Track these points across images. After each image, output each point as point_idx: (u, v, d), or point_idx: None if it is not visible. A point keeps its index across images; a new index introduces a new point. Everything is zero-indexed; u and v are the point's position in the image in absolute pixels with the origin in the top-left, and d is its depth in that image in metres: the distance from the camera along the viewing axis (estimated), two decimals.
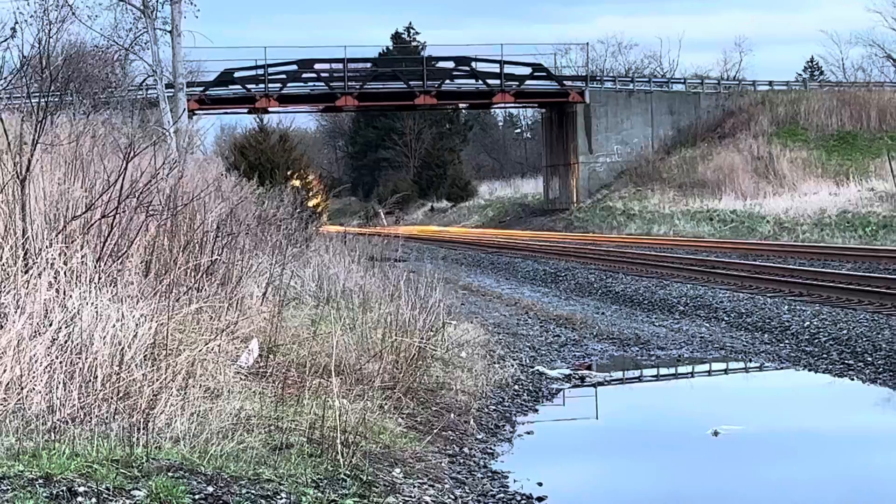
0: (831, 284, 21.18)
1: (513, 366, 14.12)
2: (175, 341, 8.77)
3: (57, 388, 7.63)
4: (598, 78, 69.51)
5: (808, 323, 17.06)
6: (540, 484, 9.17)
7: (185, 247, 11.77)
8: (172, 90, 32.80)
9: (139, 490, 6.42)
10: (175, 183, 13.97)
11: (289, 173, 39.30)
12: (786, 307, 18.70)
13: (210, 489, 6.69)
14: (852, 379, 13.68)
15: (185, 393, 8.03)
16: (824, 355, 15.09)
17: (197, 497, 6.53)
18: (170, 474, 6.74)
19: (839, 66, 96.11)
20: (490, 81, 62.21)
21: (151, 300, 9.39)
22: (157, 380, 7.98)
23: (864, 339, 15.29)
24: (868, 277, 22.04)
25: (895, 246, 33.32)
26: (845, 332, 15.98)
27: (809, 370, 14.41)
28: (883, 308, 17.83)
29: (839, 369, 14.22)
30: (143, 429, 7.34)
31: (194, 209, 13.09)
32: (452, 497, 8.01)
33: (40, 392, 7.56)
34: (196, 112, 53.31)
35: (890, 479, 9.69)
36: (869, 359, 14.43)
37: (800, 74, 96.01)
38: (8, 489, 6.17)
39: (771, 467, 10.33)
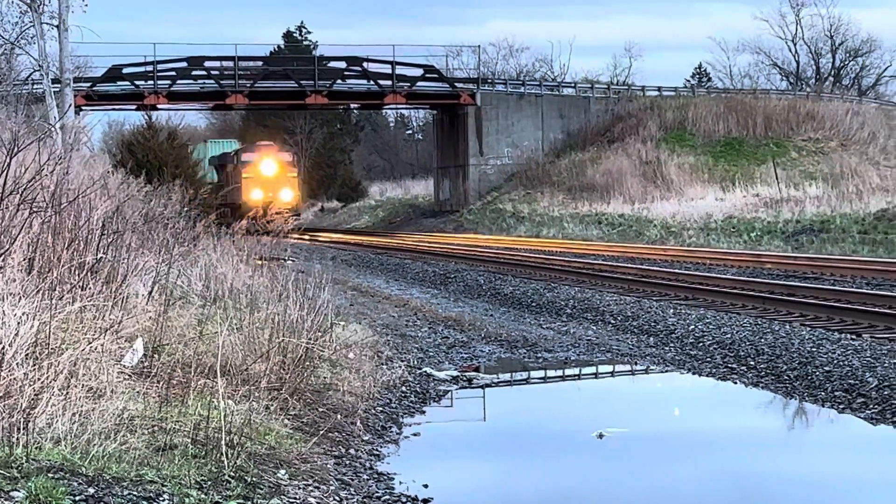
0: (716, 289, 21.47)
1: (401, 367, 14.13)
2: (58, 340, 8.66)
3: None
4: (489, 80, 69.79)
5: (692, 327, 17.28)
6: (426, 486, 9.19)
7: (70, 244, 11.62)
8: (59, 85, 32.37)
9: (18, 491, 6.34)
10: (60, 180, 13.79)
11: (177, 171, 38.97)
12: (671, 311, 18.92)
13: (91, 490, 6.62)
14: (735, 382, 13.88)
15: (68, 393, 7.93)
16: (708, 359, 15.30)
17: (78, 498, 6.46)
18: (50, 475, 6.65)
19: (727, 73, 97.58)
20: (382, 82, 62.20)
21: (34, 298, 9.26)
22: (39, 379, 7.87)
23: (748, 343, 15.52)
24: (751, 282, 22.39)
25: (779, 251, 33.89)
26: (729, 336, 16.21)
27: (694, 373, 14.60)
28: (766, 313, 18.12)
29: (723, 373, 14.42)
30: (24, 429, 7.24)
31: (79, 206, 12.92)
32: (337, 499, 8.00)
33: None
34: (83, 108, 52.59)
35: (770, 480, 9.85)
36: (752, 363, 14.65)
37: (688, 81, 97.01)
38: None
39: (654, 469, 10.46)
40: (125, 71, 58.98)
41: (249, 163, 60.23)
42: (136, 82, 59.29)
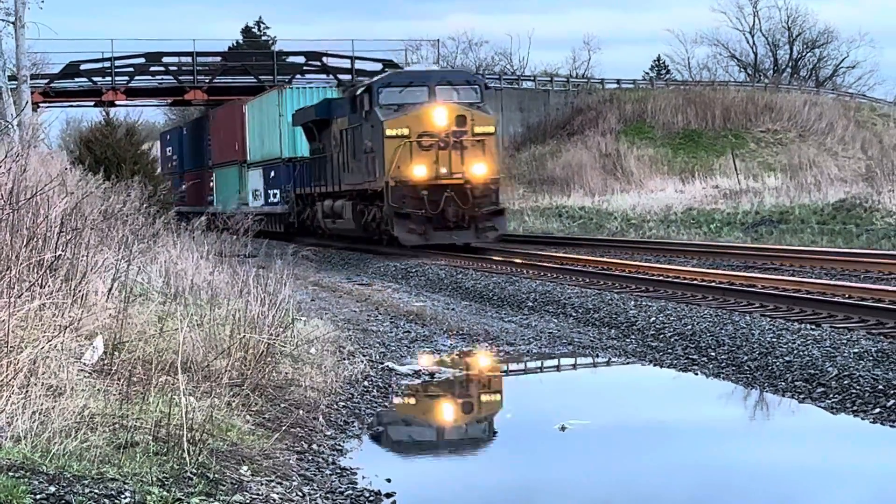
0: (676, 280, 21.54)
1: (363, 362, 14.14)
2: (17, 338, 8.62)
3: None
4: None
5: (653, 318, 17.34)
6: (389, 480, 9.20)
7: (28, 242, 11.55)
8: (16, 82, 32.19)
9: None
10: (17, 177, 13.70)
11: (135, 167, 38.76)
12: (632, 303, 18.97)
13: (52, 489, 6.59)
14: (696, 373, 13.95)
15: (27, 391, 7.90)
16: (669, 350, 15.36)
17: (38, 497, 6.43)
18: (10, 474, 6.62)
19: (685, 65, 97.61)
20: (341, 77, 61.95)
21: None
22: None
23: (708, 335, 15.59)
24: (712, 274, 22.47)
25: (738, 242, 34.02)
26: (690, 327, 16.27)
27: (655, 365, 14.66)
28: (725, 304, 18.18)
29: (684, 364, 14.49)
30: None
31: (37, 204, 12.85)
32: (300, 494, 8.00)
33: None
34: (40, 105, 52.34)
35: (731, 470, 9.90)
36: (712, 354, 14.72)
37: (647, 73, 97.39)
38: None
39: (617, 461, 10.50)
40: (83, 67, 58.77)
41: (406, 110, 32.01)
42: (94, 79, 59.06)
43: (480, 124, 31.84)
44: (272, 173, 47.08)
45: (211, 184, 58.01)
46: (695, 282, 21.19)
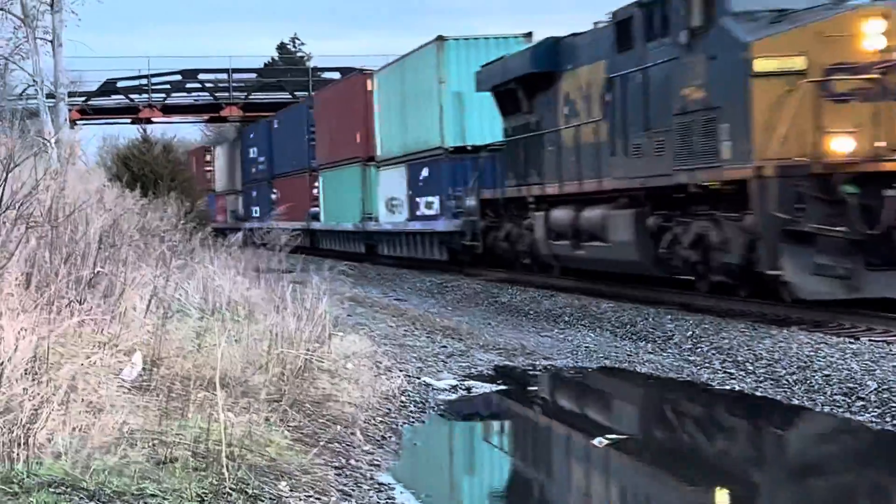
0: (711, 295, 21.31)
1: (399, 377, 14.12)
2: (56, 355, 8.66)
3: None
4: None
5: (689, 332, 17.27)
6: (428, 496, 9.21)
7: (67, 259, 11.62)
8: (54, 100, 32.35)
9: None
10: (56, 194, 13.80)
11: (172, 183, 38.91)
12: (669, 317, 18.87)
13: None
14: (734, 388, 13.89)
15: (67, 407, 7.93)
16: (707, 364, 15.29)
17: None
18: (51, 490, 6.65)
19: None
20: None
21: (32, 313, 9.27)
22: (38, 394, 7.87)
23: (745, 349, 15.51)
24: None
25: None
26: (727, 341, 16.17)
27: (692, 379, 14.60)
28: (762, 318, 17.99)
29: (721, 378, 14.41)
30: (24, 444, 7.23)
31: (76, 221, 12.94)
32: None
33: None
34: (78, 122, 52.60)
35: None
36: (750, 367, 14.64)
37: None
38: None
39: (649, 476, 10.48)
40: (119, 85, 59.04)
41: (797, 21, 16.85)
42: (131, 96, 59.33)
43: None
44: (424, 172, 32.50)
45: (315, 191, 45.61)
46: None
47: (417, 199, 33.03)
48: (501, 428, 13.07)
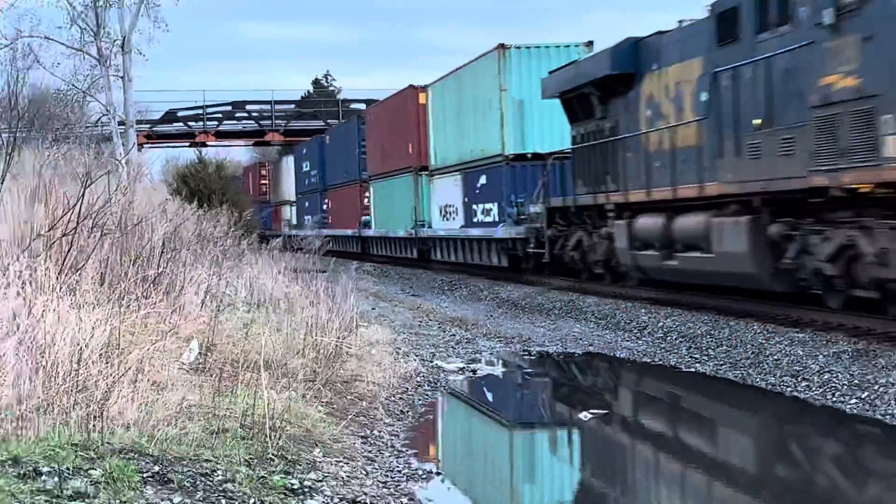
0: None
1: (415, 360, 14.13)
2: (126, 342, 8.66)
3: (24, 382, 7.50)
4: None
5: (661, 323, 17.24)
6: (439, 460, 9.21)
7: (135, 261, 11.63)
8: (124, 127, 32.48)
9: (95, 469, 6.34)
10: (126, 207, 13.81)
11: (223, 197, 38.90)
12: (643, 311, 18.84)
13: (156, 468, 6.62)
14: (697, 371, 13.86)
15: (135, 386, 7.93)
16: (675, 350, 15.26)
17: (145, 475, 6.46)
18: (122, 456, 6.65)
19: None
20: None
21: (105, 306, 9.27)
22: (111, 375, 7.87)
23: (708, 337, 15.47)
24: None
25: None
26: (692, 330, 16.14)
27: (661, 362, 14.58)
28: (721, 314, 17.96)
29: (687, 362, 14.38)
30: (99, 417, 7.24)
31: (142, 229, 12.95)
32: (364, 472, 8.00)
33: (9, 386, 7.43)
34: (144, 146, 52.63)
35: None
36: (711, 353, 14.61)
37: None
38: None
39: (625, 444, 10.45)
40: (179, 114, 59.21)
41: None
42: (189, 123, 59.46)
43: None
44: (481, 180, 29.08)
45: (366, 201, 42.70)
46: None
47: (474, 206, 29.67)
48: (501, 403, 13.04)
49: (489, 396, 13.20)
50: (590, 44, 26.55)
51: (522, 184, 26.47)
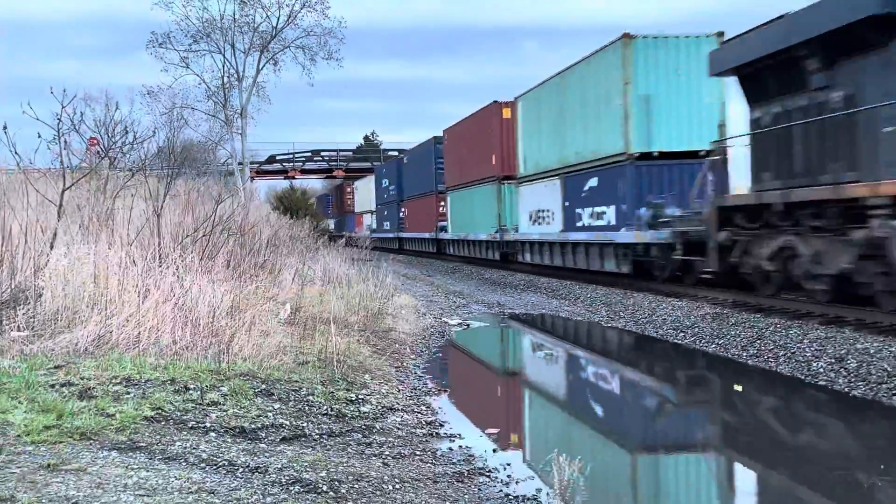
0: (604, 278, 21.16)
1: (430, 318, 14.10)
2: (243, 305, 8.68)
3: (177, 330, 7.52)
4: None
5: (590, 295, 17.14)
6: (445, 382, 9.20)
7: (249, 252, 11.66)
8: (241, 166, 32.53)
9: (224, 387, 6.36)
10: (243, 217, 13.82)
11: (305, 212, 38.85)
12: (578, 287, 18.72)
13: (263, 386, 6.64)
14: (613, 327, 13.76)
15: (249, 333, 7.95)
16: (596, 310, 15.15)
17: (257, 390, 6.48)
18: (241, 378, 6.67)
19: None
20: None
21: (230, 282, 9.29)
22: (234, 326, 7.89)
23: (620, 304, 15.32)
24: (622, 274, 21.97)
25: None
26: (610, 299, 16.00)
27: (591, 317, 14.49)
28: (629, 288, 17.82)
29: (607, 319, 14.28)
30: (226, 353, 7.26)
31: (254, 232, 12.96)
32: (398, 390, 8.00)
33: (168, 333, 7.45)
34: (254, 178, 52.51)
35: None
36: (623, 314, 14.49)
37: None
38: (151, 387, 6.09)
39: (563, 367, 10.39)
40: (277, 157, 59.16)
41: None
42: (283, 164, 59.43)
43: None
44: (591, 182, 19.09)
45: (441, 208, 34.26)
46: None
47: (578, 210, 19.88)
48: (485, 342, 13.01)
49: (478, 340, 13.09)
50: (720, 34, 16.46)
51: (649, 184, 16.94)
